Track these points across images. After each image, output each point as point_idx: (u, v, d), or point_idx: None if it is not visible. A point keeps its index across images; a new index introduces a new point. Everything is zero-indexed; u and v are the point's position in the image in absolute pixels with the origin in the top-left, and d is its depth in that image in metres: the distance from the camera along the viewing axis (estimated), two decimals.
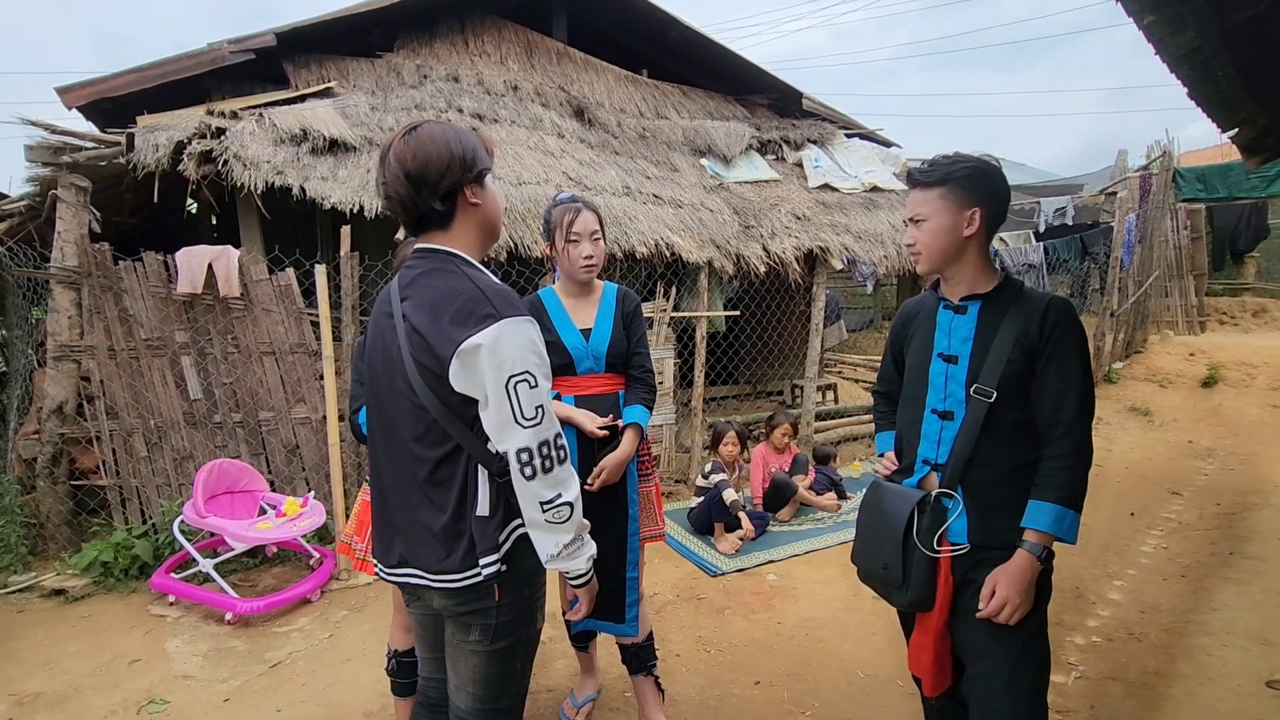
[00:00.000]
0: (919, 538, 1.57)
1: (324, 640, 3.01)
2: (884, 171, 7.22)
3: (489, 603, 1.35)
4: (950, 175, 1.55)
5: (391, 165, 1.31)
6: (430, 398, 1.29)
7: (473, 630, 1.37)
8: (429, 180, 1.30)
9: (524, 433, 1.25)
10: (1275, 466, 5.51)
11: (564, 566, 1.34)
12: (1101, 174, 11.53)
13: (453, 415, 1.29)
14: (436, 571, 1.34)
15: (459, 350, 1.23)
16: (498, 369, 1.23)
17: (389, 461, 1.41)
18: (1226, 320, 9.48)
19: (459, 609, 1.37)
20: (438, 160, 1.30)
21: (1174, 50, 2.27)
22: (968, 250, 1.58)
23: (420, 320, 1.29)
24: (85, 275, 3.69)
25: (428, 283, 1.32)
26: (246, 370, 3.99)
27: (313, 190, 4.19)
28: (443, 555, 1.33)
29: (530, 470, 1.26)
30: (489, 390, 1.24)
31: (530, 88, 6.29)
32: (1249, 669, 2.67)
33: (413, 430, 1.34)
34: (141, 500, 3.79)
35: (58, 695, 2.61)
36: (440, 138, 1.32)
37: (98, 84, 4.97)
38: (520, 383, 1.24)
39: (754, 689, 2.65)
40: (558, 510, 1.28)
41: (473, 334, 1.23)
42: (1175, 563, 3.79)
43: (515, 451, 1.26)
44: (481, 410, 1.27)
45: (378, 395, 1.42)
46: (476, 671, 1.40)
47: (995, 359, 1.53)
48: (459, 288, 1.28)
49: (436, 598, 1.39)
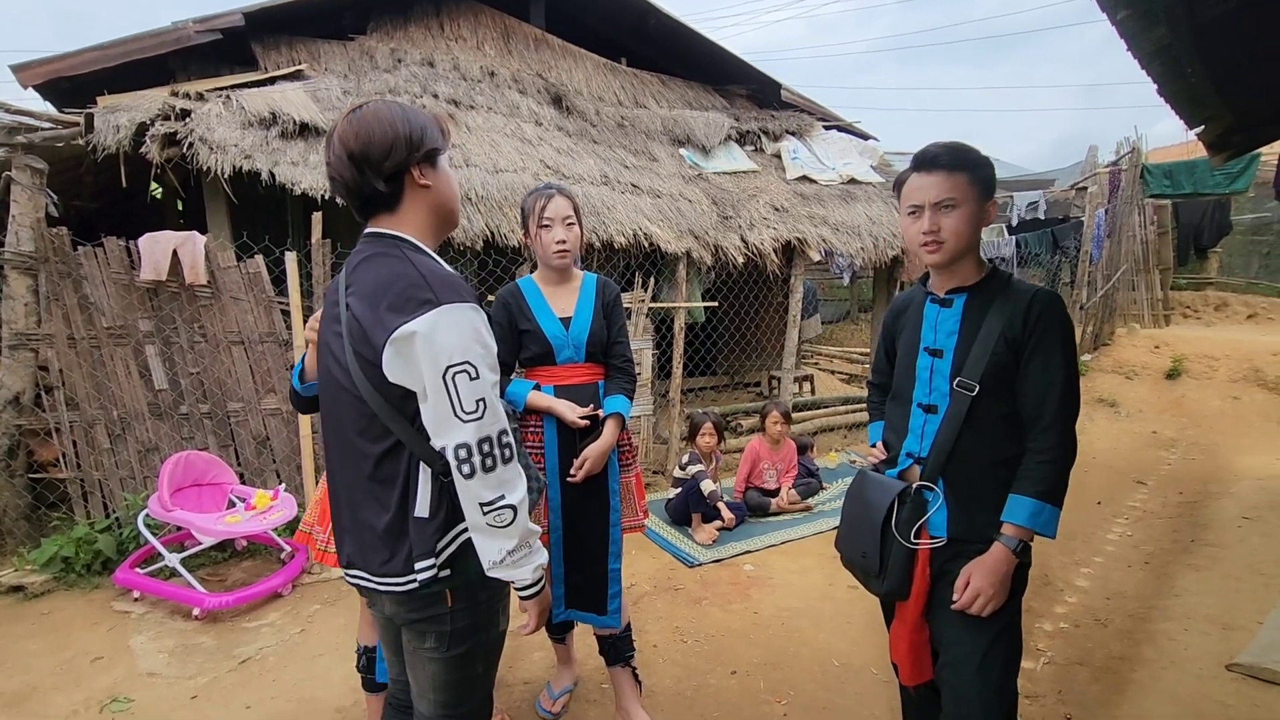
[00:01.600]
0: (897, 529, 1.57)
1: (295, 635, 2.96)
2: (861, 164, 7.26)
3: (441, 609, 1.29)
4: (972, 162, 1.51)
5: (335, 146, 1.26)
6: (369, 390, 1.22)
7: (427, 638, 1.32)
8: (371, 160, 1.24)
9: (463, 428, 1.17)
10: (1235, 456, 5.69)
11: (507, 575, 1.25)
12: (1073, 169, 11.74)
13: (392, 409, 1.22)
14: (380, 574, 1.28)
15: (392, 338, 1.16)
16: (434, 358, 1.16)
17: (337, 459, 1.35)
18: (1190, 314, 9.73)
19: (410, 615, 1.31)
20: (381, 140, 1.24)
21: (1145, 47, 2.30)
22: (976, 243, 1.57)
23: (360, 308, 1.22)
24: (42, 261, 3.56)
25: (369, 268, 1.25)
26: (214, 360, 3.89)
27: (282, 175, 4.08)
28: (385, 557, 1.27)
29: (469, 468, 1.18)
30: (426, 381, 1.17)
31: (507, 74, 6.19)
32: (1209, 653, 2.75)
33: (355, 425, 1.27)
34: (104, 494, 3.68)
35: (16, 695, 2.53)
36: (385, 116, 1.26)
37: (56, 62, 4.78)
38: (460, 374, 1.17)
39: (730, 679, 2.66)
40: (499, 513, 1.20)
41: (408, 320, 1.15)
42: (1139, 550, 3.89)
43: (454, 448, 1.18)
44: (421, 403, 1.20)
45: (325, 388, 1.36)
46: (435, 679, 1.35)
47: (979, 352, 1.52)
48: (400, 273, 1.21)
49: (387, 603, 1.33)
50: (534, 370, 2.17)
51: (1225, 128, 3.07)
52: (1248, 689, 2.51)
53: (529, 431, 2.18)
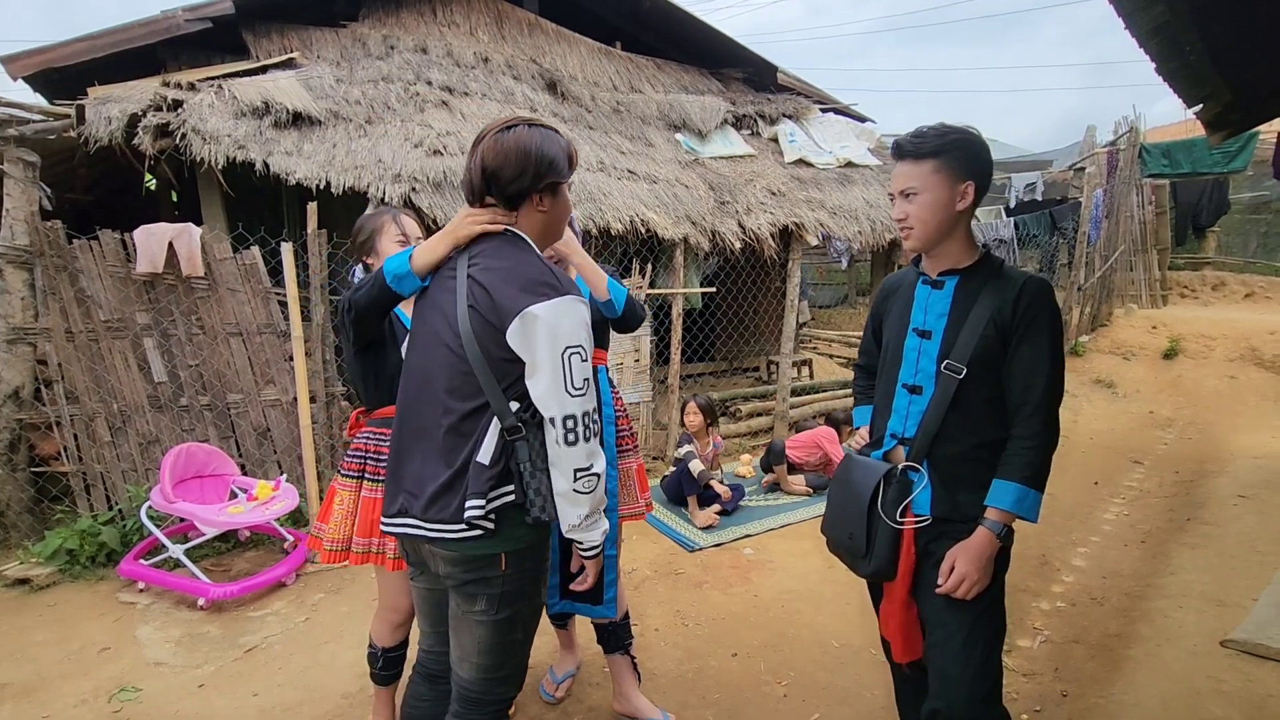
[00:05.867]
0: (883, 509, 1.59)
1: (300, 624, 2.99)
2: (858, 147, 7.22)
3: (494, 571, 1.41)
4: (943, 147, 1.51)
5: (476, 156, 1.45)
6: (475, 352, 1.36)
7: (478, 600, 1.42)
8: (500, 181, 1.42)
9: (572, 402, 1.33)
10: (1231, 435, 5.72)
11: (581, 537, 1.41)
12: (1070, 150, 11.68)
13: (490, 370, 1.36)
14: (432, 520, 1.39)
15: (524, 312, 1.32)
16: (555, 339, 1.32)
17: (416, 413, 1.47)
18: (1187, 294, 9.73)
19: (465, 576, 1.42)
20: (514, 166, 1.41)
21: (1144, 24, 2.28)
22: (959, 225, 1.56)
23: (490, 280, 1.37)
24: (38, 255, 3.54)
25: (500, 251, 1.43)
26: (213, 352, 3.89)
27: (276, 165, 4.05)
28: (440, 505, 1.39)
29: (573, 437, 1.33)
30: (543, 357, 1.32)
31: (501, 60, 6.14)
32: (1204, 630, 2.79)
33: (448, 382, 1.41)
34: (106, 486, 3.70)
35: (25, 685, 2.55)
36: (524, 146, 1.41)
37: (45, 53, 4.73)
38: (574, 354, 1.34)
39: (731, 661, 2.69)
40: (587, 480, 1.35)
41: (539, 302, 1.32)
42: (1136, 529, 3.93)
43: (562, 418, 1.33)
44: (529, 377, 1.35)
45: (423, 343, 1.48)
46: (481, 642, 1.45)
47: (968, 336, 1.53)
48: (530, 261, 1.41)
49: (442, 564, 1.44)
50: None
51: (1223, 106, 3.05)
52: (1241, 665, 2.54)
53: None
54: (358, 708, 2.38)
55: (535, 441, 1.38)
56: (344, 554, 1.96)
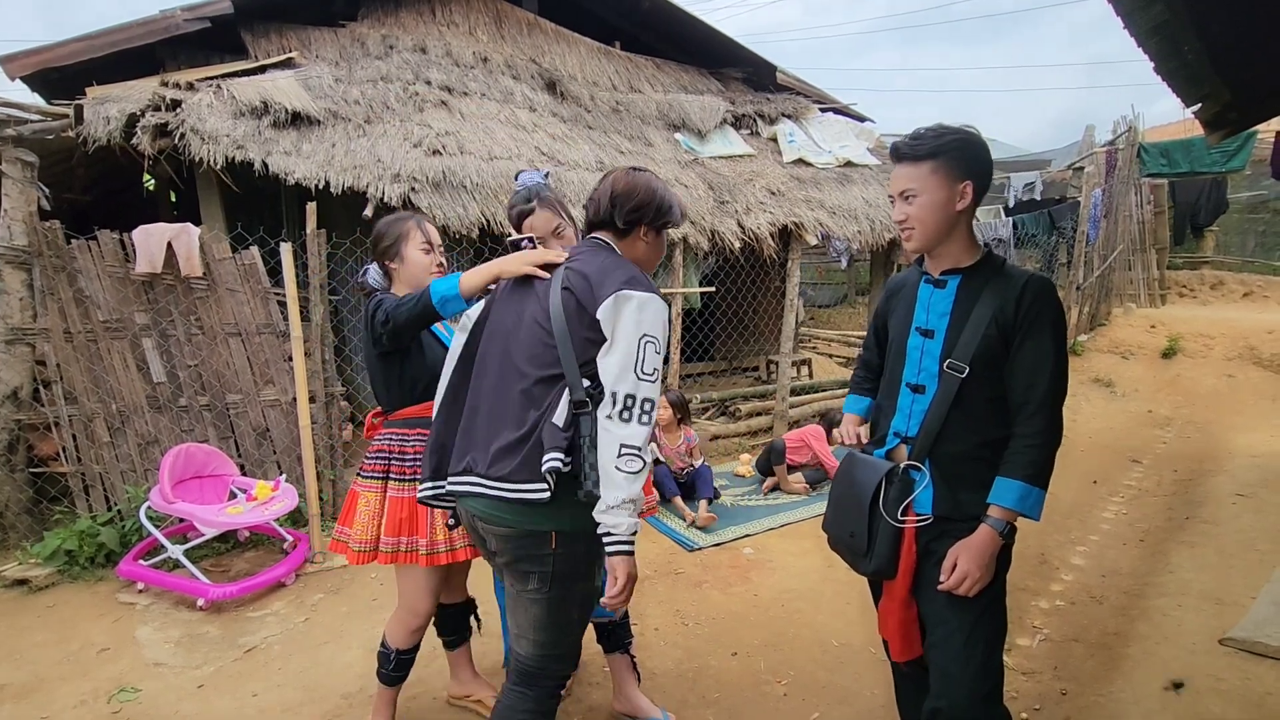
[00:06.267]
0: (885, 507, 1.59)
1: (300, 624, 2.99)
2: (858, 146, 7.22)
3: (545, 550, 1.50)
4: (940, 148, 1.52)
5: (606, 184, 1.66)
6: (562, 327, 1.50)
7: (530, 579, 1.52)
8: (621, 205, 1.61)
9: (637, 383, 1.44)
10: (1229, 434, 5.72)
11: (613, 521, 1.44)
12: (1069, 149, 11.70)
13: (571, 346, 1.49)
14: (496, 478, 1.49)
15: (618, 294, 1.47)
16: (637, 324, 1.46)
17: (493, 382, 1.60)
18: (1186, 293, 9.74)
19: (517, 553, 1.52)
20: (638, 197, 1.62)
21: (1142, 24, 2.28)
22: (959, 225, 1.57)
23: (590, 270, 1.54)
24: (36, 255, 3.54)
25: (597, 255, 1.60)
26: (212, 352, 3.88)
27: (275, 165, 4.05)
28: (503, 464, 1.48)
29: (628, 415, 1.43)
30: (622, 336, 1.46)
31: (500, 60, 6.13)
32: (1203, 628, 2.79)
33: (528, 351, 1.54)
34: (105, 487, 3.69)
35: (24, 686, 2.55)
36: (651, 186, 1.65)
37: (43, 53, 4.73)
38: (649, 343, 1.46)
39: (731, 660, 2.69)
40: (631, 459, 1.41)
41: (631, 290, 1.48)
42: (1134, 528, 3.93)
43: (624, 394, 1.43)
44: (604, 354, 1.47)
45: (506, 317, 1.63)
46: (537, 620, 1.55)
47: (970, 335, 1.53)
48: (625, 264, 1.58)
49: (495, 540, 1.54)
50: None
51: (1222, 105, 3.05)
52: (1240, 663, 2.54)
53: None
54: (358, 708, 2.38)
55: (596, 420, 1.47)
56: (372, 555, 1.97)
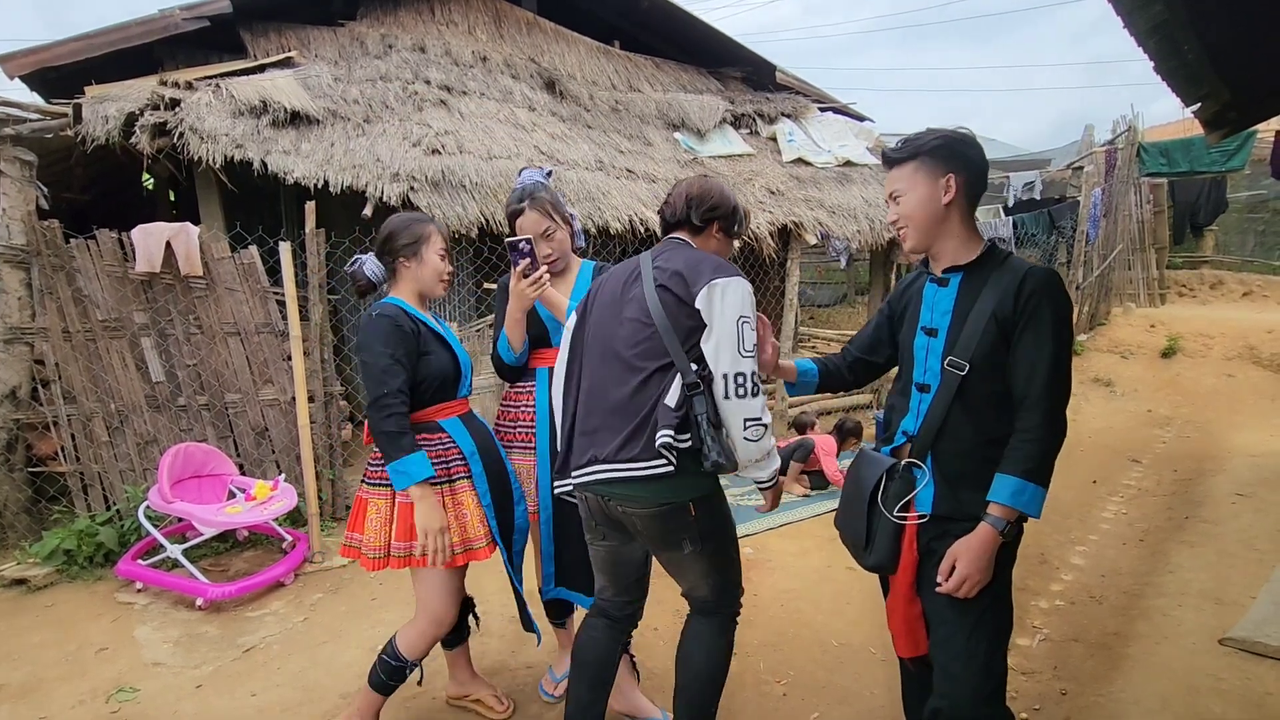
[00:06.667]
0: (883, 503, 1.61)
1: (298, 624, 2.98)
2: (857, 146, 7.22)
3: (686, 519, 1.67)
4: (920, 148, 1.57)
5: (680, 189, 1.84)
6: (664, 321, 1.65)
7: (684, 545, 1.70)
8: (696, 205, 1.79)
9: (741, 361, 1.59)
10: (1229, 434, 5.73)
11: (755, 474, 1.66)
12: (1069, 149, 11.69)
13: (675, 335, 1.64)
14: (624, 461, 1.63)
15: (711, 284, 1.62)
16: (733, 308, 1.61)
17: (600, 379, 1.74)
18: (1185, 293, 9.74)
19: (663, 528, 1.69)
20: (712, 199, 1.80)
21: (1142, 23, 2.28)
22: (950, 219, 1.57)
23: (680, 265, 1.70)
24: (34, 254, 3.54)
25: (681, 252, 1.76)
26: (210, 351, 3.88)
27: (274, 165, 4.05)
28: (631, 449, 1.63)
29: (742, 391, 1.58)
30: (721, 322, 1.60)
31: (500, 59, 6.13)
32: (1202, 627, 2.79)
33: (634, 349, 1.68)
34: (104, 486, 3.69)
35: (21, 686, 2.55)
36: (722, 190, 1.84)
37: (41, 52, 4.73)
38: (745, 323, 1.62)
39: (730, 660, 2.68)
40: (756, 428, 1.59)
41: (722, 279, 1.63)
42: (1134, 528, 3.93)
43: (733, 375, 1.58)
44: (705, 340, 1.62)
45: (606, 318, 1.78)
46: (704, 571, 1.76)
47: (971, 331, 1.52)
48: (708, 256, 1.74)
49: (639, 522, 1.69)
50: (532, 353, 2.17)
51: (1221, 105, 3.05)
52: (1240, 663, 2.54)
53: (520, 411, 2.18)
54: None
55: (710, 398, 1.61)
56: (385, 560, 1.96)
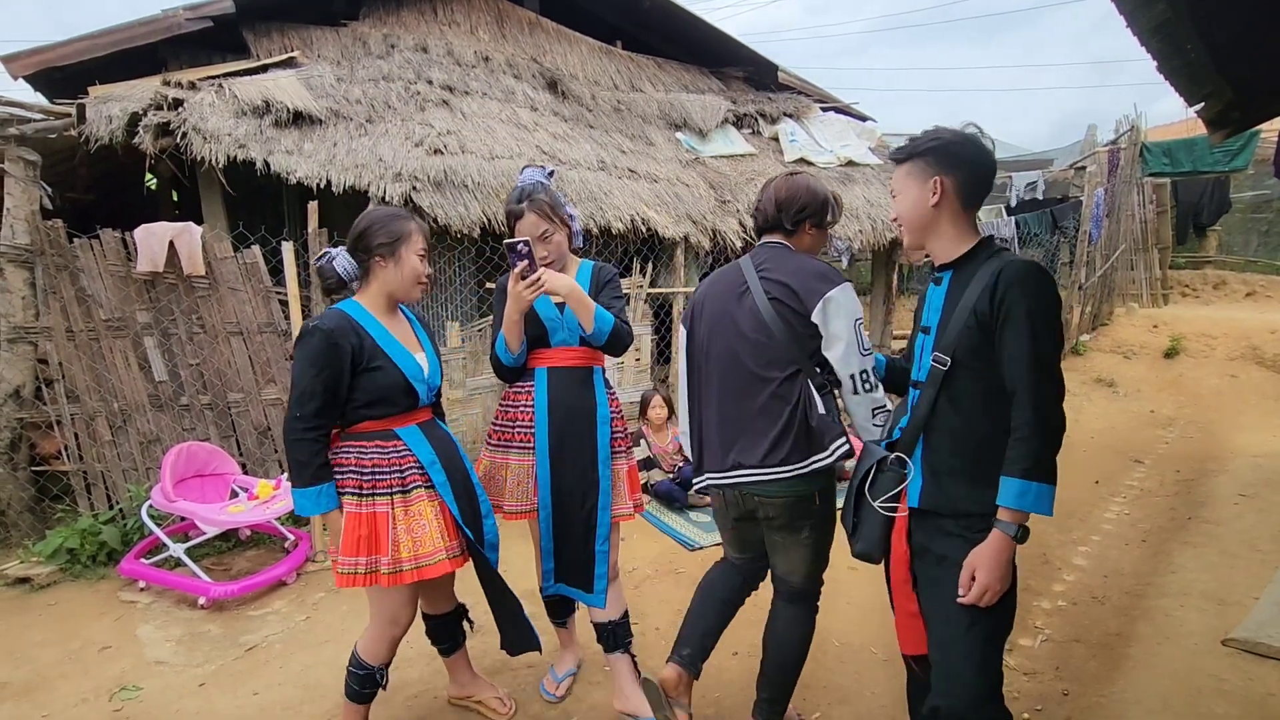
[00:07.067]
0: (868, 491, 1.66)
1: (300, 623, 2.99)
2: (859, 146, 7.21)
3: (812, 506, 1.87)
4: (914, 151, 1.61)
5: (769, 192, 1.96)
6: (784, 332, 1.81)
7: (803, 530, 1.90)
8: (786, 209, 1.92)
9: (863, 360, 1.77)
10: (1232, 434, 5.71)
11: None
12: (1071, 149, 11.66)
13: (797, 344, 1.80)
14: (772, 466, 1.81)
15: (825, 298, 1.77)
16: (848, 315, 1.77)
17: (730, 390, 1.90)
18: (1188, 293, 9.72)
19: (791, 515, 1.87)
20: (800, 200, 1.92)
21: (1145, 23, 2.27)
22: (940, 220, 1.60)
23: (787, 276, 1.83)
24: (38, 254, 3.55)
25: (782, 259, 1.89)
26: (213, 351, 3.89)
27: (277, 164, 4.06)
28: (778, 454, 1.80)
29: (867, 386, 1.77)
30: (838, 329, 1.77)
31: (502, 59, 6.13)
32: (1205, 628, 2.78)
33: (760, 360, 1.84)
34: (107, 485, 3.70)
35: (24, 685, 2.56)
36: (809, 187, 1.94)
37: (45, 52, 4.74)
38: (859, 324, 1.79)
39: (732, 660, 2.69)
40: (881, 415, 1.79)
41: (832, 289, 1.78)
42: (1137, 528, 3.92)
43: (858, 373, 1.77)
44: (826, 346, 1.79)
45: (724, 334, 1.91)
46: (806, 559, 1.94)
47: (953, 327, 1.54)
48: (811, 263, 1.87)
49: (770, 509, 1.87)
50: (531, 353, 2.18)
51: (1224, 104, 3.04)
52: (1242, 663, 2.54)
53: (519, 411, 2.19)
54: None
55: (835, 396, 1.83)
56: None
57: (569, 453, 2.14)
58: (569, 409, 2.12)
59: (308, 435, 1.77)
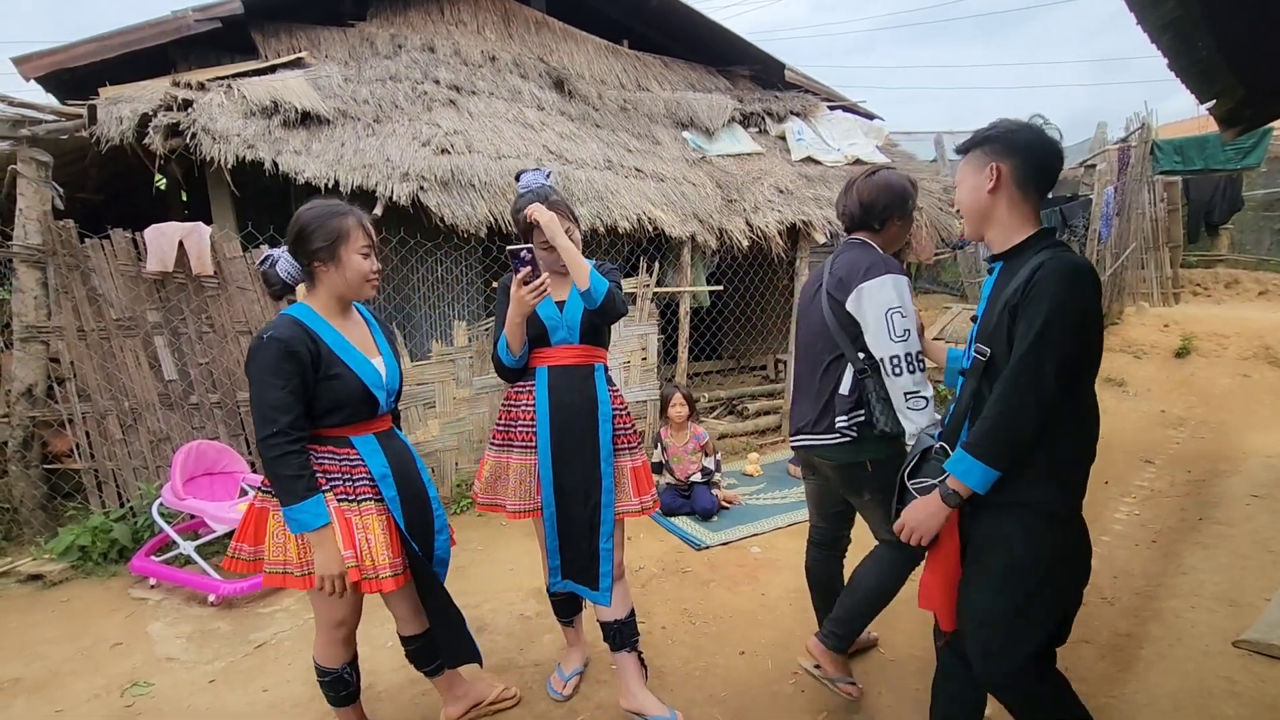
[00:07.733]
0: (908, 478, 1.72)
1: (309, 620, 3.00)
2: (867, 144, 7.18)
3: (865, 473, 2.10)
4: (975, 141, 1.65)
5: (853, 193, 2.16)
6: (833, 321, 2.08)
7: (863, 493, 2.15)
8: (872, 210, 2.13)
9: (894, 345, 1.93)
10: (1244, 434, 5.66)
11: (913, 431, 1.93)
12: (1081, 146, 11.57)
13: (842, 332, 2.06)
14: (816, 433, 2.12)
15: (858, 289, 2.00)
16: (879, 305, 1.95)
17: (804, 367, 2.24)
18: (1200, 292, 9.63)
19: (845, 478, 2.16)
20: (882, 199, 2.11)
21: (1155, 20, 2.25)
22: (996, 208, 1.61)
23: (842, 272, 2.08)
24: (50, 254, 3.58)
25: (852, 255, 2.11)
26: (222, 350, 3.91)
27: (285, 164, 4.08)
28: (820, 424, 2.12)
29: (898, 370, 1.92)
30: (871, 317, 1.97)
31: (508, 58, 6.14)
32: (1216, 630, 2.76)
33: (821, 344, 2.14)
34: (118, 483, 3.73)
35: (37, 681, 2.58)
36: (889, 184, 2.12)
37: (57, 53, 4.78)
38: (895, 313, 1.94)
39: (739, 659, 2.69)
40: (915, 400, 1.92)
41: (865, 282, 1.98)
42: (1147, 529, 3.89)
43: (888, 358, 1.93)
44: (865, 333, 2.00)
45: (802, 328, 2.28)
46: (881, 517, 2.11)
47: (989, 318, 1.57)
48: (869, 255, 2.07)
49: (829, 470, 2.18)
50: (531, 352, 2.18)
51: (1237, 102, 3.00)
52: (1254, 665, 2.52)
53: (520, 410, 2.19)
54: (367, 703, 2.38)
55: (878, 379, 1.99)
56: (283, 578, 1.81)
57: (570, 450, 2.14)
58: (570, 407, 2.13)
59: (292, 448, 1.67)
